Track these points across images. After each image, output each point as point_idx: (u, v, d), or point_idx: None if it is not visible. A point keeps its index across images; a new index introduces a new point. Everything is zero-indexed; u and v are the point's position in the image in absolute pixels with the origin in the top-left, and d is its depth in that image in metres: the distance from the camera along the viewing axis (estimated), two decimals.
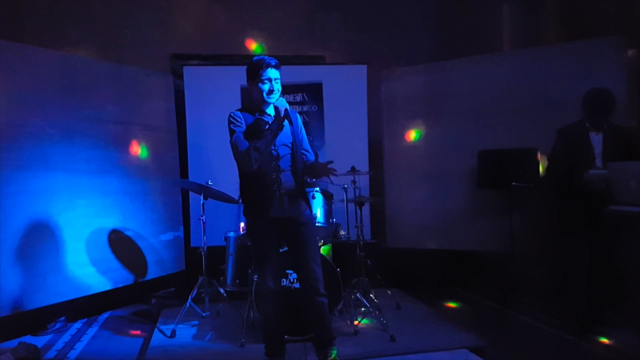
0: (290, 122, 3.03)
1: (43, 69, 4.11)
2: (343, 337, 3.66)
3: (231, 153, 2.98)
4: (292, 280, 3.62)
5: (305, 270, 3.01)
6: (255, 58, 3.03)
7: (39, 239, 4.01)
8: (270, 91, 2.97)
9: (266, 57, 3.01)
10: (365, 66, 5.27)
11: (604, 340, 3.51)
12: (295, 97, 5.19)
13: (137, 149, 4.79)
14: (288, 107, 2.95)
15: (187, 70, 5.18)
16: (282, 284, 3.56)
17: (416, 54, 5.43)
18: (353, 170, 4.08)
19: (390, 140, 5.35)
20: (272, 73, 2.97)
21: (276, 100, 3.00)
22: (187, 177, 5.02)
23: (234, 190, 3.16)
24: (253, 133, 2.92)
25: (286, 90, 3.04)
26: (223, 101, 4.78)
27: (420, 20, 5.60)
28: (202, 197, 4.11)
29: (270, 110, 3.05)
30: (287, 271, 3.62)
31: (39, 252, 4.00)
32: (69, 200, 4.23)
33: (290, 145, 3.06)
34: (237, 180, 3.10)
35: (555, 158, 3.85)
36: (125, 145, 4.68)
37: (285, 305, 3.20)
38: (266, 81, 2.96)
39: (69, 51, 4.40)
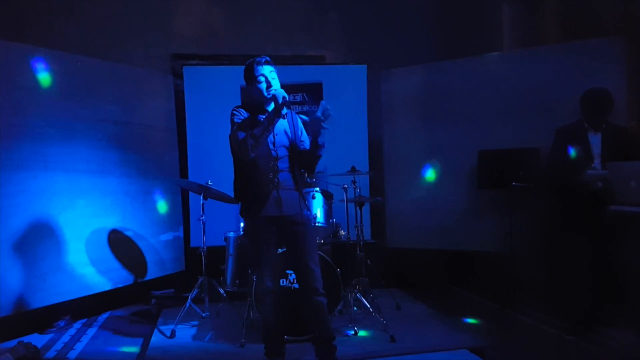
0: (290, 107, 3.04)
1: (43, 69, 4.10)
2: (343, 337, 3.66)
3: (231, 153, 2.99)
4: (291, 280, 3.62)
5: (303, 270, 3.02)
6: (247, 62, 3.08)
7: (39, 239, 4.00)
8: (269, 86, 3.01)
9: (256, 57, 3.06)
10: (365, 66, 5.27)
11: (604, 340, 3.51)
12: (295, 97, 5.19)
13: (137, 149, 4.78)
14: (286, 96, 2.91)
15: (187, 70, 5.18)
16: (281, 284, 3.56)
17: (416, 54, 5.42)
18: (353, 170, 4.08)
19: (390, 140, 5.34)
20: (265, 69, 3.03)
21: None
22: (187, 177, 5.02)
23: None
24: (252, 124, 2.94)
25: (286, 90, 3.05)
26: (223, 101, 4.77)
27: (420, 20, 5.59)
28: (202, 197, 4.12)
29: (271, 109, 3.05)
30: (287, 271, 3.62)
31: (39, 252, 4.00)
32: (69, 200, 4.23)
33: (288, 146, 3.07)
34: None
35: (554, 158, 3.85)
36: (125, 145, 4.67)
37: (285, 306, 3.20)
38: (261, 78, 3.02)
39: (69, 51, 4.39)
